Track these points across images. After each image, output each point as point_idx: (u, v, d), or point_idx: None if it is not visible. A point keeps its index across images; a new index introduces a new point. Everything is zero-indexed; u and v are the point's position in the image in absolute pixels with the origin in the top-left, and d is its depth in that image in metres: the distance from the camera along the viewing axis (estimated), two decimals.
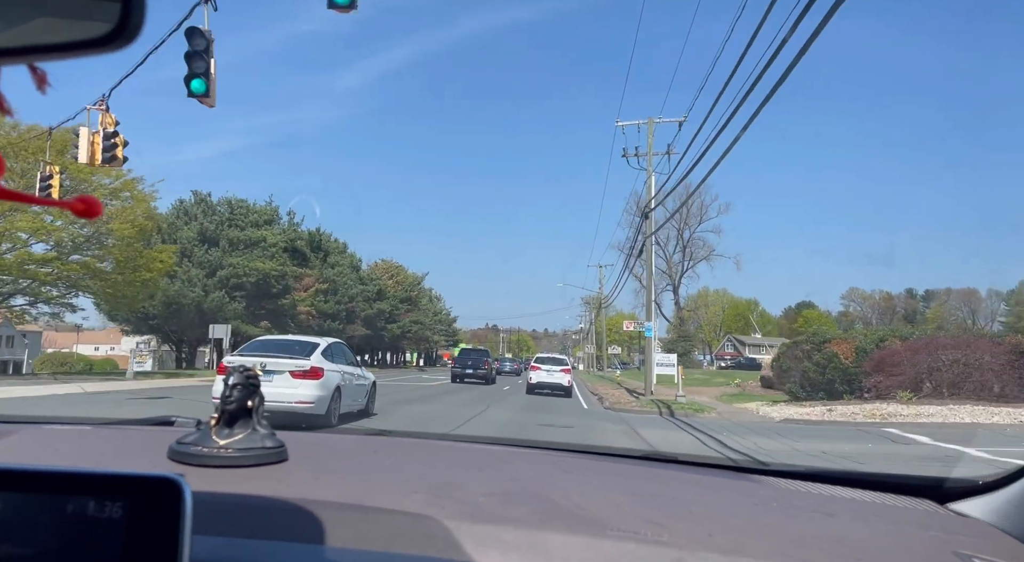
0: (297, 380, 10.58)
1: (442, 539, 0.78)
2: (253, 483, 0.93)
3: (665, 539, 0.81)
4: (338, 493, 0.92)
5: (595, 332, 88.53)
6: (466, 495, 0.94)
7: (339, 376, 11.43)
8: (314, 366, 10.79)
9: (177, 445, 1.04)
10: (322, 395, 10.76)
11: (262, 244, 40.25)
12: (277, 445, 1.06)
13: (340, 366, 11.71)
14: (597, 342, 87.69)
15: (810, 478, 1.33)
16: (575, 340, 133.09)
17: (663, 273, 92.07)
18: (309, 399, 10.56)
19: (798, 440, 11.91)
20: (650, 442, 11.27)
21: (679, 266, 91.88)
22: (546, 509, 0.90)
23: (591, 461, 1.41)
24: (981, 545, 0.89)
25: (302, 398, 10.50)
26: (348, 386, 11.75)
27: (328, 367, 11.11)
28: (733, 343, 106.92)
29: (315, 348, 11.28)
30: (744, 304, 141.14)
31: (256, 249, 39.90)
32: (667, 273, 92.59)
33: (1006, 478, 1.04)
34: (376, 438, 1.60)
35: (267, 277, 38.91)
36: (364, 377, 12.94)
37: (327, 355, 11.36)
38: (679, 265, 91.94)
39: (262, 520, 0.82)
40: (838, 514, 1.04)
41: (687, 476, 1.30)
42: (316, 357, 10.99)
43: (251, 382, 1.05)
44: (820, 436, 12.70)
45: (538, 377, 25.86)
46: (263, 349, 11.35)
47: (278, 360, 10.71)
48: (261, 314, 39.69)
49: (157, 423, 1.58)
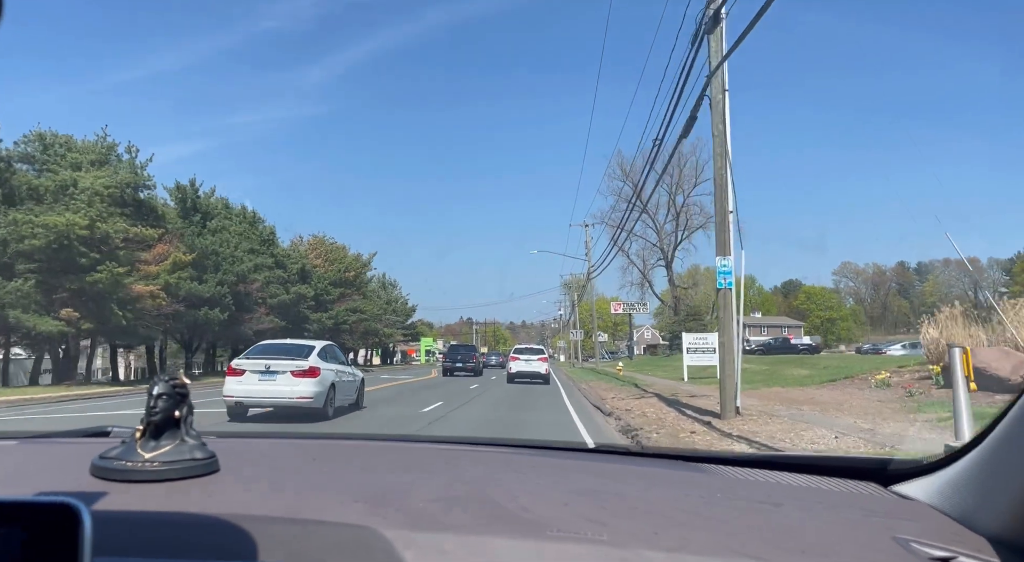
0: (297, 378, 12.10)
1: (382, 551, 0.76)
2: (179, 498, 0.89)
3: (609, 539, 0.80)
4: (272, 505, 0.89)
5: (579, 318, 74.97)
6: (408, 502, 0.91)
7: (334, 374, 12.97)
8: (312, 366, 12.32)
9: (99, 460, 0.98)
10: (319, 391, 12.24)
11: (71, 191, 25.83)
12: (207, 456, 1.01)
13: (334, 365, 13.28)
14: (583, 326, 74.08)
15: (757, 465, 1.35)
16: (554, 330, 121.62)
17: (653, 247, 78.55)
18: (308, 395, 12.06)
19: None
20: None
21: (672, 238, 78.36)
22: (490, 513, 0.89)
23: (539, 458, 1.43)
24: (920, 528, 0.89)
25: (302, 394, 12.02)
26: (341, 383, 13.29)
27: (324, 366, 12.64)
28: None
29: (312, 350, 12.89)
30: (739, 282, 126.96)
31: (66, 200, 25.50)
32: (658, 246, 78.88)
33: (947, 458, 1.02)
34: (316, 443, 1.58)
35: (68, 239, 24.43)
36: (355, 375, 14.62)
37: (322, 356, 12.91)
38: (672, 236, 78.43)
39: (187, 537, 0.78)
40: (784, 503, 1.04)
41: (635, 469, 1.32)
42: (313, 358, 12.57)
43: (178, 391, 0.99)
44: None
45: (518, 366, 28.04)
46: (266, 352, 12.97)
47: (280, 361, 12.33)
48: (63, 298, 25.24)
49: (92, 434, 1.55)
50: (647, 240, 77.30)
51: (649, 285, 79.37)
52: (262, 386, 12.17)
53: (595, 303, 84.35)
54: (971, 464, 0.94)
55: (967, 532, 0.87)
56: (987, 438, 0.91)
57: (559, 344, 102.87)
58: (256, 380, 12.20)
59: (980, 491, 0.90)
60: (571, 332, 56.21)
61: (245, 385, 12.24)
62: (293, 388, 12.02)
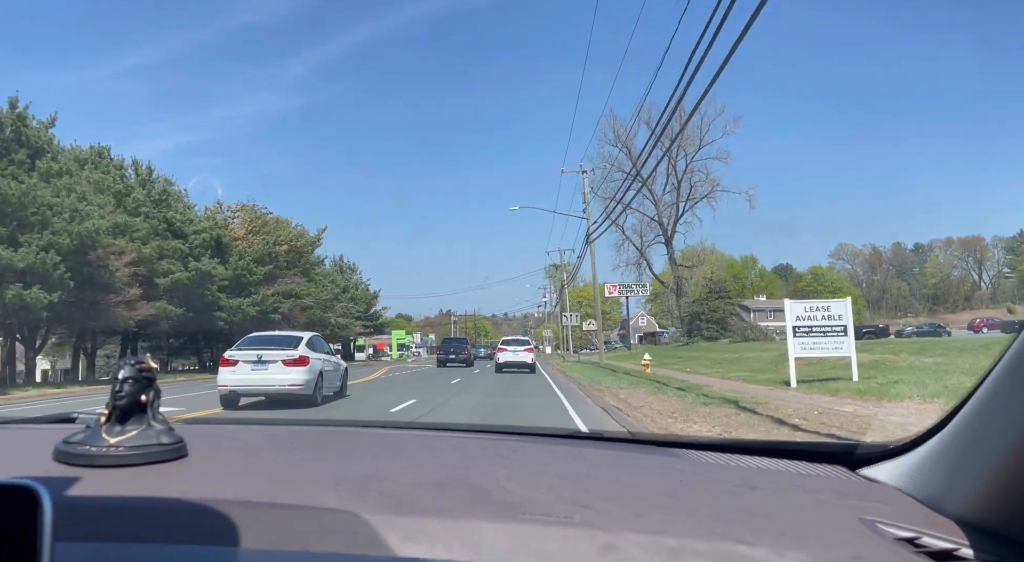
0: (288, 367, 12.74)
1: (365, 535, 0.74)
2: (145, 483, 0.87)
3: (591, 521, 0.80)
4: (246, 490, 0.86)
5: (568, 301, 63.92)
6: (391, 487, 0.90)
7: (321, 363, 13.59)
8: (301, 355, 12.92)
9: (63, 445, 0.96)
10: (309, 379, 12.88)
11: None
12: (175, 441, 0.98)
13: (321, 355, 13.87)
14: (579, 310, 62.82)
15: (732, 449, 1.35)
16: (537, 319, 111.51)
17: (651, 221, 67.36)
18: (299, 382, 12.72)
19: None
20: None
21: (672, 210, 67.29)
22: (473, 496, 0.88)
23: (519, 443, 1.41)
24: (885, 510, 0.90)
25: (293, 382, 12.69)
26: (328, 372, 14.01)
27: (312, 355, 13.23)
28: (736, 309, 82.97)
29: (300, 340, 13.53)
30: (738, 263, 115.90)
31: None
32: (656, 220, 67.64)
33: (913, 441, 1.03)
34: (290, 429, 1.55)
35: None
36: (339, 364, 15.30)
37: (310, 346, 13.52)
38: (672, 209, 67.37)
39: (154, 521, 0.76)
40: (759, 487, 1.05)
41: (613, 454, 1.31)
42: (302, 347, 13.15)
43: (144, 375, 0.97)
44: None
45: (505, 357, 28.59)
46: (257, 343, 13.52)
47: (271, 351, 12.93)
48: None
49: (57, 420, 1.52)
50: (644, 214, 66.40)
51: (647, 265, 68.40)
52: (254, 375, 12.63)
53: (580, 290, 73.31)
54: (936, 447, 0.95)
55: (933, 514, 0.88)
56: (952, 421, 0.90)
57: (544, 334, 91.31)
58: (249, 370, 12.67)
59: (945, 473, 0.91)
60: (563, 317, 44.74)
61: (238, 374, 12.66)
62: (284, 376, 12.61)
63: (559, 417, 11.61)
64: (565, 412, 12.46)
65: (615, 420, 11.03)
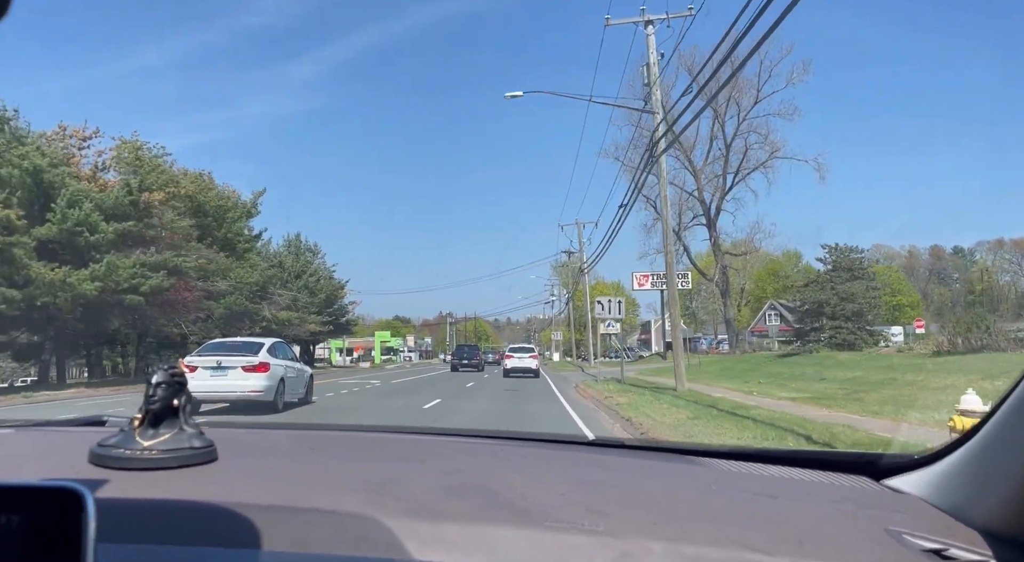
0: (248, 373, 12.96)
1: (384, 540, 0.77)
2: (178, 485, 0.90)
3: (608, 529, 0.81)
4: (271, 494, 0.90)
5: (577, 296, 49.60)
6: (407, 491, 0.92)
7: (283, 369, 13.88)
8: (262, 361, 13.19)
9: (98, 448, 0.99)
10: (270, 385, 13.16)
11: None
12: (206, 445, 1.01)
13: (283, 361, 14.17)
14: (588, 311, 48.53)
15: (750, 458, 1.34)
16: (542, 323, 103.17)
17: (689, 196, 52.87)
18: (259, 388, 12.99)
19: None
20: None
21: (715, 184, 52.31)
22: (489, 502, 0.90)
23: (534, 449, 1.42)
24: (912, 521, 0.90)
25: (253, 388, 12.95)
26: (291, 378, 14.26)
27: (273, 362, 13.50)
28: (778, 310, 68.07)
29: (261, 346, 13.77)
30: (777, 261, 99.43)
31: None
32: (695, 196, 53.02)
33: (939, 453, 1.03)
34: (311, 433, 1.61)
35: None
36: (303, 370, 15.59)
37: (271, 352, 13.69)
38: (715, 183, 52.44)
39: (187, 524, 0.79)
40: (780, 495, 1.05)
41: (629, 461, 1.31)
42: (263, 354, 13.38)
43: (176, 380, 1.00)
44: None
45: (512, 363, 31.89)
46: (217, 349, 13.84)
47: (231, 357, 13.16)
48: None
49: (87, 423, 1.57)
50: (682, 188, 51.99)
51: (685, 251, 53.86)
52: (214, 381, 12.81)
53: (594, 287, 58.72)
54: (962, 458, 0.95)
55: (959, 525, 0.88)
56: (979, 433, 0.90)
57: (553, 337, 76.43)
58: (208, 376, 12.80)
59: (972, 485, 0.91)
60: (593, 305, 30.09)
61: (197, 381, 12.31)
62: (244, 382, 12.91)
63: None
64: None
65: None
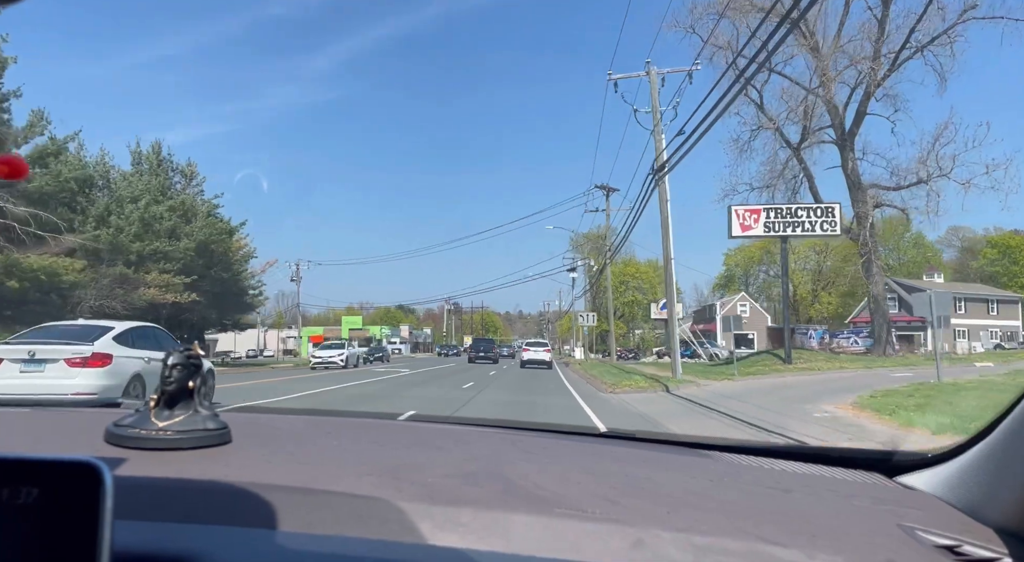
0: (75, 369, 9.46)
1: (398, 522, 0.77)
2: (193, 466, 0.91)
3: (621, 517, 0.82)
4: (285, 476, 0.90)
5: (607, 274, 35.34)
6: (422, 476, 0.93)
7: (140, 363, 10.22)
8: (97, 352, 9.63)
9: (114, 427, 1.01)
10: (110, 385, 9.54)
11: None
12: (220, 427, 1.03)
13: (145, 352, 10.42)
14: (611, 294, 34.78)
15: (763, 453, 1.34)
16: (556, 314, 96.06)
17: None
18: (90, 390, 9.24)
19: None
20: None
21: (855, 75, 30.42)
22: (504, 489, 0.90)
23: (548, 440, 1.42)
24: (925, 517, 0.91)
25: (80, 389, 9.20)
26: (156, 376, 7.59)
27: (121, 353, 9.96)
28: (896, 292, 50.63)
29: (106, 332, 10.13)
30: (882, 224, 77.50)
31: None
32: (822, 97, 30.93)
33: (953, 451, 1.04)
34: (328, 419, 1.62)
35: None
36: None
37: (123, 340, 10.21)
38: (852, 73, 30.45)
39: (201, 503, 0.79)
40: (792, 490, 1.05)
41: (642, 453, 1.31)
42: (104, 342, 9.86)
43: (192, 362, 1.02)
44: None
45: (528, 355, 35.89)
46: (40, 336, 10.10)
47: (51, 347, 9.62)
48: None
49: (104, 404, 1.60)
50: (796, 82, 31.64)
51: (809, 182, 32.25)
52: (24, 379, 9.26)
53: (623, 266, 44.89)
54: (976, 457, 0.95)
55: (973, 523, 0.89)
56: (994, 431, 0.92)
57: (578, 322, 57.90)
58: (17, 371, 9.37)
59: (987, 483, 0.91)
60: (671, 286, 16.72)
61: (2, 378, 9.23)
62: (68, 381, 9.26)
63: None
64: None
65: None
